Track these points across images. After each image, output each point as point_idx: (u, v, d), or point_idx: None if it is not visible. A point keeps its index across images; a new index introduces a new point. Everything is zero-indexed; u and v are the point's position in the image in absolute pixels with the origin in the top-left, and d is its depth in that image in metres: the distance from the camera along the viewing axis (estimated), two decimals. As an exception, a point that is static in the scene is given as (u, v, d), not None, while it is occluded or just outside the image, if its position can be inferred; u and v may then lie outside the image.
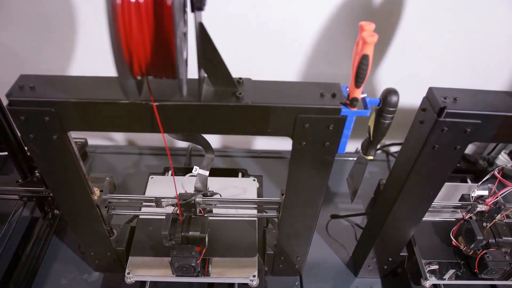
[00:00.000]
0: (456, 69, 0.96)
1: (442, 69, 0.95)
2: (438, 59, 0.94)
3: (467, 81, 0.98)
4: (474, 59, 0.93)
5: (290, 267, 0.76)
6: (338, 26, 0.88)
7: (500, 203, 0.69)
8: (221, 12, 0.85)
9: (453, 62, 0.94)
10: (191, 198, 0.65)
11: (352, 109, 0.49)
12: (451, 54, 0.93)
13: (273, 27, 0.87)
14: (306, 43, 0.90)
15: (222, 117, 0.49)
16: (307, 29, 0.88)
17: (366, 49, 0.43)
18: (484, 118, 0.51)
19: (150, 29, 0.36)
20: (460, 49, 0.92)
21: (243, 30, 0.88)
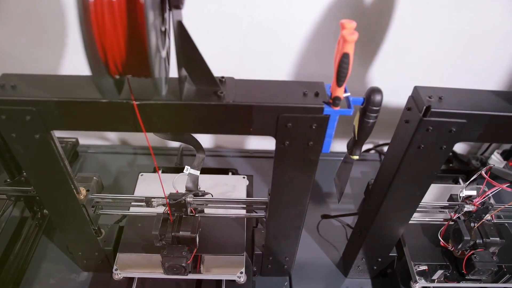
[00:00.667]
0: (449, 69, 0.95)
1: (435, 69, 0.95)
2: (430, 58, 0.93)
3: (460, 81, 0.97)
4: (467, 58, 0.93)
5: (278, 268, 0.75)
6: (329, 25, 0.87)
7: (487, 203, 0.68)
8: (212, 12, 0.84)
9: (446, 62, 0.94)
10: (181, 198, 0.65)
11: (334, 108, 0.48)
12: (444, 53, 0.92)
13: (264, 26, 0.87)
14: (298, 43, 0.90)
15: (204, 116, 0.49)
16: (298, 29, 0.88)
17: (347, 47, 0.42)
18: (469, 118, 0.51)
19: (123, 26, 0.36)
20: (453, 49, 0.92)
21: (234, 29, 0.87)
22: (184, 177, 0.67)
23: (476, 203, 0.69)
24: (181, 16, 0.44)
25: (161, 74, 0.43)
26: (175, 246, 0.65)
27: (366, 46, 0.92)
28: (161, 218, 0.65)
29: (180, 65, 0.46)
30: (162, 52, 0.42)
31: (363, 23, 0.87)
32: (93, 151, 1.01)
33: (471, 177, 0.71)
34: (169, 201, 0.64)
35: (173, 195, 0.65)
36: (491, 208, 0.69)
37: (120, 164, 0.99)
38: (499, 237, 0.68)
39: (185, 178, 0.67)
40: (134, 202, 0.69)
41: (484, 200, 0.68)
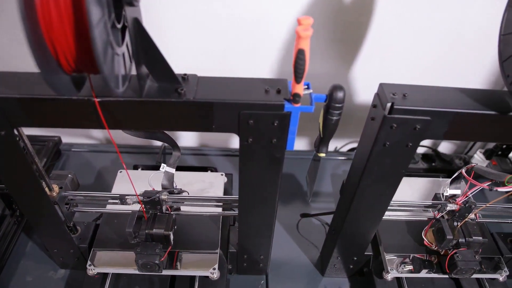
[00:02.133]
0: (432, 68, 0.94)
1: (418, 68, 0.94)
2: (413, 57, 0.93)
3: (443, 80, 0.96)
4: (449, 57, 0.92)
5: (254, 266, 0.75)
6: (310, 24, 0.87)
7: (470, 202, 0.68)
8: (193, 11, 0.84)
9: (429, 61, 0.93)
10: (155, 196, 0.65)
11: (295, 105, 0.48)
12: (427, 52, 0.92)
13: (245, 25, 0.87)
14: (279, 41, 0.90)
15: (165, 113, 0.49)
16: (280, 27, 0.88)
17: (301, 43, 0.42)
18: (433, 115, 0.50)
19: (70, 22, 0.36)
20: (436, 48, 0.91)
21: (216, 28, 0.87)
22: (161, 175, 0.68)
23: (459, 202, 0.68)
24: (138, 13, 0.45)
25: (118, 71, 0.43)
26: (149, 243, 0.65)
27: (348, 45, 0.92)
28: (135, 216, 0.65)
29: (139, 62, 0.46)
30: (117, 49, 0.42)
31: (345, 22, 0.87)
32: (76, 149, 1.01)
33: (458, 176, 0.71)
34: (143, 199, 0.65)
35: (147, 192, 0.66)
36: (474, 207, 0.68)
37: (104, 163, 0.99)
38: (482, 236, 0.68)
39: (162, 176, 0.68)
40: (109, 199, 0.69)
41: (467, 199, 0.68)
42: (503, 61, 0.55)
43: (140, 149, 1.04)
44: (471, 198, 0.68)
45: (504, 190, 0.61)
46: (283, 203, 0.93)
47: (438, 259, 0.72)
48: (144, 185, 0.67)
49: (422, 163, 0.95)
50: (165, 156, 1.00)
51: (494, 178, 0.63)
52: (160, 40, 0.95)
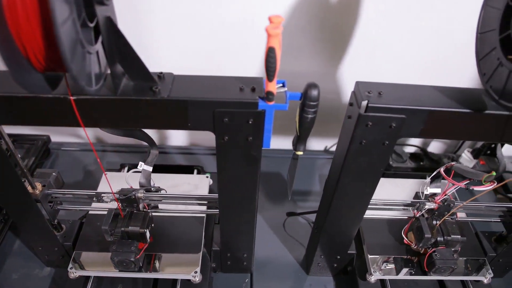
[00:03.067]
0: (420, 67, 0.94)
1: (405, 66, 0.94)
2: (401, 56, 0.93)
3: (432, 79, 0.96)
4: (438, 56, 0.92)
5: (238, 264, 0.75)
6: (297, 22, 0.87)
7: (449, 201, 0.68)
8: (180, 11, 0.85)
9: (416, 60, 0.93)
10: (131, 194, 0.65)
11: (269, 103, 0.48)
12: (414, 51, 0.92)
13: (233, 24, 0.87)
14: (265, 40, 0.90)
15: (140, 111, 0.49)
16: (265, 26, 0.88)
17: (271, 41, 0.42)
18: (408, 113, 0.50)
19: (37, 19, 0.36)
20: (424, 47, 0.91)
21: (204, 28, 0.88)
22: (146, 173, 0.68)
23: (438, 200, 0.68)
24: (111, 12, 0.45)
25: (90, 69, 0.43)
26: (125, 241, 0.65)
27: (335, 45, 0.92)
28: (112, 213, 0.66)
29: (113, 61, 0.46)
30: (89, 48, 0.42)
31: (332, 21, 0.87)
32: (66, 148, 1.02)
33: (439, 175, 0.71)
34: (119, 197, 0.65)
35: (124, 190, 0.66)
36: (453, 205, 0.68)
37: (93, 161, 0.99)
38: (460, 235, 0.68)
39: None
40: (86, 197, 0.69)
41: (445, 197, 0.68)
42: (479, 60, 0.55)
43: (130, 148, 1.04)
44: (450, 197, 0.68)
45: (480, 189, 0.61)
46: (270, 202, 0.93)
47: (418, 258, 0.72)
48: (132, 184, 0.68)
49: (410, 162, 0.95)
50: (153, 155, 1.00)
51: (472, 177, 0.63)
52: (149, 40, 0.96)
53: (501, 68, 0.50)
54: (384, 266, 0.71)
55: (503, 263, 0.76)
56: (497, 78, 0.50)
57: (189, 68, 0.94)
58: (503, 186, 1.00)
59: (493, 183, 0.60)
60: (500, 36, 0.50)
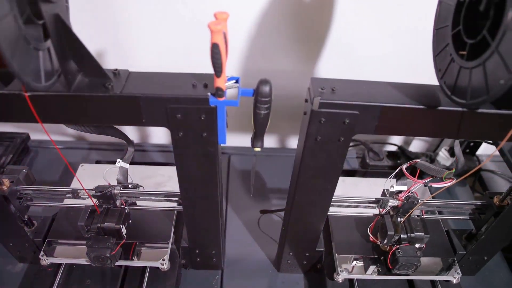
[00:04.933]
0: (396, 65, 0.94)
1: (382, 65, 0.94)
2: (377, 55, 0.93)
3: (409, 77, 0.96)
4: (414, 55, 0.92)
5: (208, 261, 0.76)
6: (271, 21, 0.87)
7: (413, 198, 0.68)
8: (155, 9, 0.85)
9: (393, 58, 0.93)
10: (106, 190, 0.66)
11: (219, 99, 0.49)
12: (390, 49, 0.92)
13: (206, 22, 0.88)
14: (241, 39, 0.90)
15: (94, 107, 0.50)
16: (241, 25, 0.88)
17: (214, 37, 0.43)
18: (361, 109, 0.51)
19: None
20: (399, 45, 0.91)
21: (178, 27, 0.88)
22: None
23: (401, 198, 0.68)
24: (60, 9, 0.46)
25: (38, 66, 0.44)
26: (101, 237, 0.66)
27: (311, 43, 0.92)
28: (89, 210, 0.67)
29: (64, 57, 0.47)
30: (37, 44, 0.43)
31: (306, 19, 0.87)
32: (45, 146, 1.03)
33: (415, 173, 0.70)
34: (95, 193, 0.66)
35: (100, 187, 0.67)
36: (416, 203, 0.68)
37: (72, 159, 1.00)
38: (424, 232, 0.68)
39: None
40: (61, 194, 0.70)
41: (409, 195, 0.68)
42: (435, 56, 0.55)
43: (113, 146, 1.05)
44: (416, 194, 0.68)
45: (437, 185, 0.61)
46: (246, 199, 0.94)
47: (384, 256, 0.72)
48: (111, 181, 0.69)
49: (387, 160, 0.95)
50: (132, 153, 1.01)
51: (434, 174, 0.63)
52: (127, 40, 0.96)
53: (453, 64, 0.50)
54: (352, 265, 0.71)
55: (473, 260, 0.76)
56: (449, 74, 0.51)
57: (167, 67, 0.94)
58: (481, 184, 1.00)
59: (451, 180, 0.60)
60: (452, 31, 0.51)
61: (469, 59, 0.46)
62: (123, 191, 0.66)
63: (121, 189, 0.66)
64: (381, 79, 0.54)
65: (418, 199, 0.67)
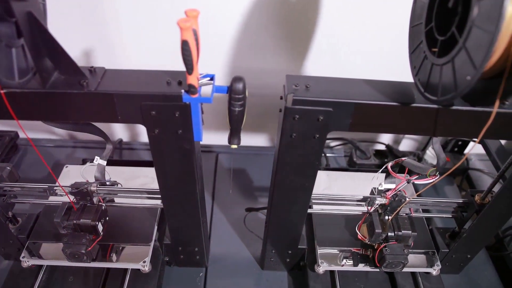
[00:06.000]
0: (384, 62, 0.94)
1: (369, 62, 0.94)
2: (365, 52, 0.93)
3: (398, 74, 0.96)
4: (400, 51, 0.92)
5: (191, 258, 0.76)
6: (258, 20, 0.88)
7: (400, 196, 0.67)
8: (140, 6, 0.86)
9: (381, 55, 0.93)
10: (82, 187, 0.67)
11: (193, 96, 0.49)
12: (378, 47, 0.92)
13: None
14: (229, 38, 0.91)
15: (70, 105, 0.50)
16: (228, 24, 0.89)
17: (184, 35, 0.43)
18: (335, 106, 0.51)
19: None
20: (387, 42, 0.91)
21: (166, 25, 0.89)
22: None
23: (388, 196, 0.68)
24: (33, 7, 0.46)
25: (11, 62, 0.44)
26: (77, 233, 0.67)
27: (298, 41, 0.92)
28: (65, 207, 0.67)
29: (39, 55, 0.47)
30: (8, 42, 0.44)
31: (293, 17, 0.87)
32: (36, 144, 1.04)
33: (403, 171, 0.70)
34: (72, 190, 0.66)
35: (76, 184, 0.67)
36: (403, 201, 0.68)
37: (60, 157, 1.01)
38: (411, 230, 0.68)
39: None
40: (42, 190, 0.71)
41: (396, 193, 0.68)
42: (411, 53, 0.56)
43: (101, 144, 1.06)
44: (404, 192, 0.68)
45: (420, 182, 0.61)
46: (234, 197, 0.94)
47: (373, 253, 0.72)
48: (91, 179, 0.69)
49: (374, 159, 0.95)
50: (121, 151, 1.01)
51: (419, 171, 0.63)
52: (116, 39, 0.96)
53: (426, 61, 0.50)
54: (334, 259, 0.71)
55: (457, 259, 0.76)
56: (423, 71, 0.51)
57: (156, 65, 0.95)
58: (468, 183, 1.00)
59: (434, 177, 0.60)
60: (426, 29, 0.51)
61: (440, 56, 0.47)
62: (100, 188, 0.67)
63: (97, 186, 0.67)
64: (369, 77, 0.54)
65: (406, 197, 0.67)
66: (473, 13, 0.40)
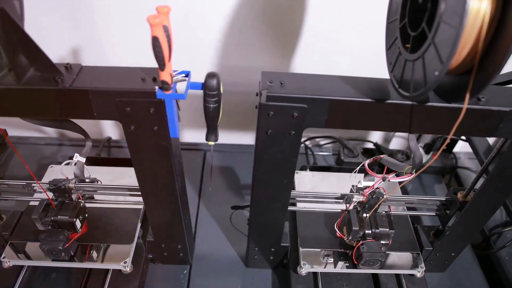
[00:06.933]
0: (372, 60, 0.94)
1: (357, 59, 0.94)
2: (352, 49, 0.92)
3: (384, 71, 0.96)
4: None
5: (175, 256, 0.76)
6: (244, 19, 0.88)
7: (378, 194, 0.67)
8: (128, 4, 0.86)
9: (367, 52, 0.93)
10: (61, 184, 0.67)
11: (166, 93, 0.49)
12: (365, 43, 0.91)
13: (181, 19, 0.88)
14: (215, 37, 0.91)
15: (45, 101, 0.51)
16: (215, 23, 0.89)
17: (154, 31, 0.43)
18: (309, 102, 0.51)
19: None
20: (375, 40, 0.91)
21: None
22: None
23: (366, 193, 0.68)
24: (6, 4, 0.46)
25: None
26: (55, 230, 0.67)
27: (286, 39, 0.92)
28: (44, 203, 0.68)
29: (12, 52, 0.48)
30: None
31: (279, 15, 0.87)
32: (24, 142, 1.04)
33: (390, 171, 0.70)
34: (50, 187, 0.67)
35: (55, 181, 0.68)
36: (381, 198, 0.68)
37: (49, 155, 1.01)
38: (389, 228, 0.67)
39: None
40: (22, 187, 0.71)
41: (374, 190, 0.68)
42: (387, 49, 0.55)
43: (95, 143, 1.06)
44: (383, 190, 0.68)
45: (395, 180, 0.61)
46: (221, 195, 0.94)
47: (351, 251, 0.72)
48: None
49: (362, 157, 0.95)
50: (109, 149, 1.02)
51: (396, 169, 0.63)
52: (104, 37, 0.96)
53: (400, 57, 0.50)
54: (317, 259, 0.71)
55: (441, 257, 0.76)
56: (398, 67, 0.51)
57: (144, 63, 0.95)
58: (457, 181, 0.99)
59: (410, 175, 0.60)
60: (400, 25, 0.51)
61: (412, 51, 0.47)
62: (78, 184, 0.67)
63: (76, 182, 0.67)
64: (357, 74, 0.54)
65: (383, 194, 0.67)
66: (441, 8, 0.40)
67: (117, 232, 0.72)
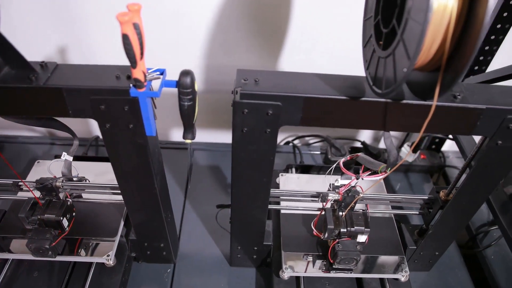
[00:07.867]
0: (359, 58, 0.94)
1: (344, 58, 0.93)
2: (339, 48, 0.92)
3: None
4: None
5: (158, 254, 0.76)
6: (229, 18, 0.88)
7: (354, 192, 0.67)
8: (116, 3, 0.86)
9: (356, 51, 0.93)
10: (47, 182, 0.67)
11: (140, 90, 0.49)
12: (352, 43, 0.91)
13: (167, 18, 0.88)
14: (201, 37, 0.91)
15: (19, 99, 0.51)
16: (200, 22, 0.89)
17: (123, 28, 0.43)
18: (284, 100, 0.51)
19: None
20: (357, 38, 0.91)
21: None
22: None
23: (341, 192, 0.68)
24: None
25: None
26: (42, 229, 0.67)
27: (271, 38, 0.92)
28: (31, 202, 0.67)
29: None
30: None
31: (264, 14, 0.87)
32: (13, 141, 1.04)
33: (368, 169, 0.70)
34: (37, 185, 0.67)
35: (42, 179, 0.68)
36: (357, 196, 0.68)
37: (38, 154, 1.02)
38: (364, 226, 0.67)
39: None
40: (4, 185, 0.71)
41: (349, 188, 0.67)
42: (364, 47, 0.55)
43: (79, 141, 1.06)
44: (360, 188, 0.67)
45: (368, 178, 0.61)
46: (207, 194, 0.94)
47: (328, 250, 0.72)
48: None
49: (349, 156, 0.94)
50: (97, 148, 1.02)
51: (372, 167, 0.63)
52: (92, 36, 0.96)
53: (375, 54, 0.50)
54: (299, 262, 0.71)
55: (425, 256, 0.75)
56: (372, 65, 0.50)
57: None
58: (445, 180, 0.99)
59: (384, 174, 0.60)
60: (374, 22, 0.50)
61: (384, 48, 0.46)
62: (65, 183, 0.67)
63: (63, 181, 0.67)
64: (342, 73, 0.54)
65: (359, 192, 0.67)
66: (408, 5, 0.39)
67: (100, 228, 0.73)
